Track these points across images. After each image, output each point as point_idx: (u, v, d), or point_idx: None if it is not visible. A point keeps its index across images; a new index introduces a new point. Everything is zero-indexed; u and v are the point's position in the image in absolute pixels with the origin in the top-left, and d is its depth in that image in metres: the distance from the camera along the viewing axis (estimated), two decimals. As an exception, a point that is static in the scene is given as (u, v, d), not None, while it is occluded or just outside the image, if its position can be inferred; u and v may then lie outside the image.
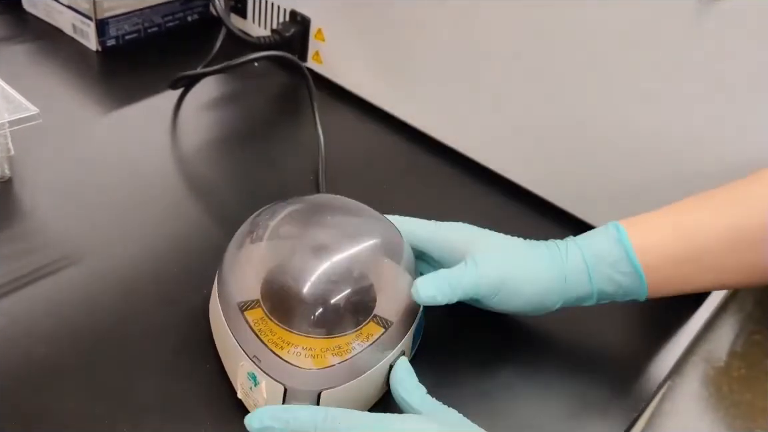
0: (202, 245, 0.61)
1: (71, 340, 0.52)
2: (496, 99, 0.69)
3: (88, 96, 0.77)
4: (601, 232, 0.52)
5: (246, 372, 0.47)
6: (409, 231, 0.54)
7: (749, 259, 0.50)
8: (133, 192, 0.65)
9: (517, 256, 0.52)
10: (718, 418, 1.71)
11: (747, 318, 1.98)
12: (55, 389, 0.48)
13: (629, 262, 0.50)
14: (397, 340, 0.49)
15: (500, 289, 0.50)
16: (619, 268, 0.50)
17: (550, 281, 0.51)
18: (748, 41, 0.53)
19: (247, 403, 0.48)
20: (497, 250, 0.52)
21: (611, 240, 0.50)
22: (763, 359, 1.88)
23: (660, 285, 0.51)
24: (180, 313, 0.54)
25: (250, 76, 0.83)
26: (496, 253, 0.52)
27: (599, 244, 0.51)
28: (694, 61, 0.56)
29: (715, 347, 1.92)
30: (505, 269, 0.51)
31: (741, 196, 0.51)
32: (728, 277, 0.52)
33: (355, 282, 0.49)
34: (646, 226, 0.51)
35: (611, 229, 0.51)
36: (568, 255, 0.51)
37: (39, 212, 0.62)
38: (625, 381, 0.56)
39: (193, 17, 0.90)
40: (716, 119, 0.57)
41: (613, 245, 0.50)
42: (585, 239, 0.52)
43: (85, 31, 0.82)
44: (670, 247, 0.50)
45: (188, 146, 0.73)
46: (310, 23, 0.82)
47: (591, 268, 0.50)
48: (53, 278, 0.56)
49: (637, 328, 0.61)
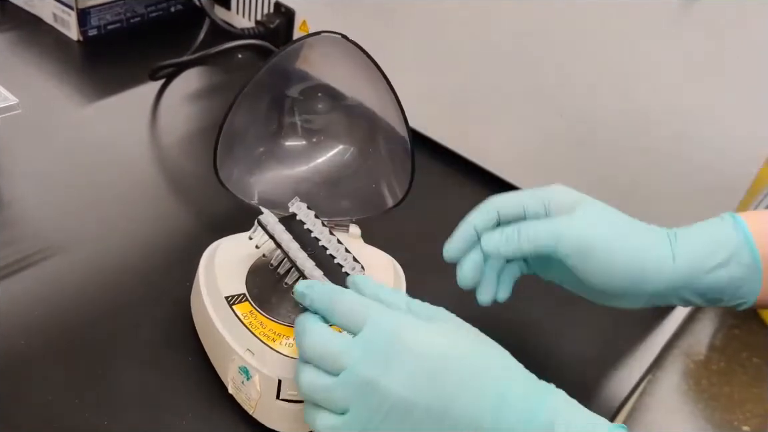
0: (184, 237, 0.61)
1: (51, 332, 0.51)
2: (493, 98, 0.69)
3: (69, 86, 0.76)
4: (713, 222, 0.48)
5: (237, 367, 0.47)
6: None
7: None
8: (114, 183, 0.65)
9: (617, 220, 0.47)
10: (698, 410, 1.74)
11: (726, 312, 2.00)
12: (34, 381, 0.48)
13: (748, 249, 0.46)
14: None
15: (587, 252, 0.46)
16: (737, 256, 0.46)
17: (656, 259, 0.46)
18: (729, 38, 0.54)
19: (239, 398, 0.48)
20: (594, 211, 0.47)
21: (728, 226, 0.47)
22: (741, 353, 1.91)
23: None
24: (162, 306, 0.54)
25: (233, 68, 0.83)
26: (591, 210, 0.47)
27: (713, 230, 0.47)
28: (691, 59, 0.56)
29: (696, 341, 1.95)
30: (598, 229, 0.46)
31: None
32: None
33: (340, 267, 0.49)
34: (761, 216, 0.47)
35: (726, 218, 0.47)
36: (677, 236, 0.47)
37: (18, 203, 0.61)
38: (606, 374, 0.56)
39: (177, 7, 0.89)
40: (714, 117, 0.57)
41: (730, 231, 0.46)
42: (698, 227, 0.48)
43: (66, 21, 0.81)
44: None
45: (170, 137, 0.73)
46: (295, 15, 0.81)
47: (706, 251, 0.46)
48: (33, 270, 0.55)
49: (619, 322, 0.62)
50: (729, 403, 1.69)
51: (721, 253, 0.46)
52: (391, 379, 0.39)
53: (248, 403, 0.47)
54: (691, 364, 1.77)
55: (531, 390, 0.40)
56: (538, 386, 0.41)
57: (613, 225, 0.47)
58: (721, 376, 1.74)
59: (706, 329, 1.86)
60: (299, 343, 0.41)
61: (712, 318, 1.89)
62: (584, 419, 0.40)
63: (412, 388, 0.39)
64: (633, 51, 0.59)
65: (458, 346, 0.41)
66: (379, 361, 0.39)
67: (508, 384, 0.40)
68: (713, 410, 1.67)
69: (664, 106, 0.59)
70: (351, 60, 0.54)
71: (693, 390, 1.71)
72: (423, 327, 0.41)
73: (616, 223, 0.47)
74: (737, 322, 1.89)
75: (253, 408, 0.47)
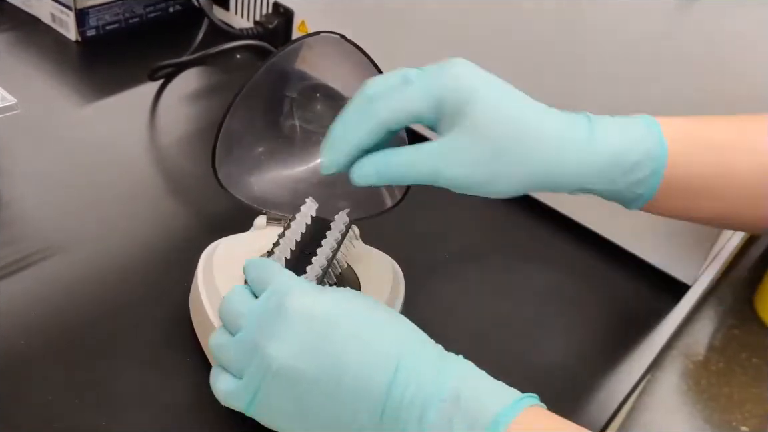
0: (183, 238, 0.61)
1: (51, 332, 0.51)
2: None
3: (68, 86, 0.76)
4: (630, 121, 0.47)
5: None
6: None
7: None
8: (113, 183, 0.65)
9: (517, 124, 0.43)
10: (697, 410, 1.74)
11: (726, 312, 2.00)
12: (34, 381, 0.48)
13: (654, 139, 0.45)
14: None
15: (473, 185, 0.43)
16: (649, 157, 0.45)
17: (575, 163, 0.44)
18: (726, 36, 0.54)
19: None
20: (484, 119, 0.42)
21: (642, 127, 0.46)
22: (740, 353, 1.91)
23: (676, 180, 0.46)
24: (161, 306, 0.54)
25: (232, 68, 0.83)
26: (481, 119, 0.42)
27: (631, 131, 0.46)
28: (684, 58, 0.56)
29: (694, 341, 1.95)
30: (483, 154, 0.42)
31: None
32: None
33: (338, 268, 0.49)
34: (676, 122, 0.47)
35: (640, 120, 0.47)
36: (595, 127, 0.45)
37: (17, 203, 0.61)
38: (605, 374, 0.56)
39: (175, 8, 0.89)
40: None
41: (644, 132, 0.46)
42: (615, 125, 0.46)
43: (65, 21, 0.81)
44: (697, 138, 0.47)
45: (169, 137, 0.73)
46: (294, 15, 0.81)
47: (623, 148, 0.45)
48: (32, 270, 0.55)
49: (618, 322, 0.62)
50: (728, 403, 1.69)
51: (637, 155, 0.45)
52: (275, 344, 0.39)
53: None
54: (690, 364, 1.77)
55: (431, 360, 0.39)
56: (441, 356, 0.40)
57: (508, 135, 0.42)
58: (720, 377, 1.74)
59: (705, 330, 1.86)
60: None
61: (711, 318, 1.89)
62: (492, 387, 0.39)
63: (297, 355, 0.39)
64: (630, 51, 0.59)
65: (346, 314, 0.40)
66: (268, 326, 0.39)
67: (401, 354, 0.39)
68: (712, 410, 1.67)
69: (663, 106, 0.59)
70: (350, 60, 0.54)
71: (692, 390, 1.71)
72: (313, 293, 0.41)
73: (514, 131, 0.43)
74: (736, 322, 1.89)
75: (252, 409, 0.47)
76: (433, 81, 0.43)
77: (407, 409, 0.38)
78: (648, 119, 0.47)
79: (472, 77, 0.43)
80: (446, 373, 0.39)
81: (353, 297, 0.42)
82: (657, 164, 0.46)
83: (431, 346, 0.41)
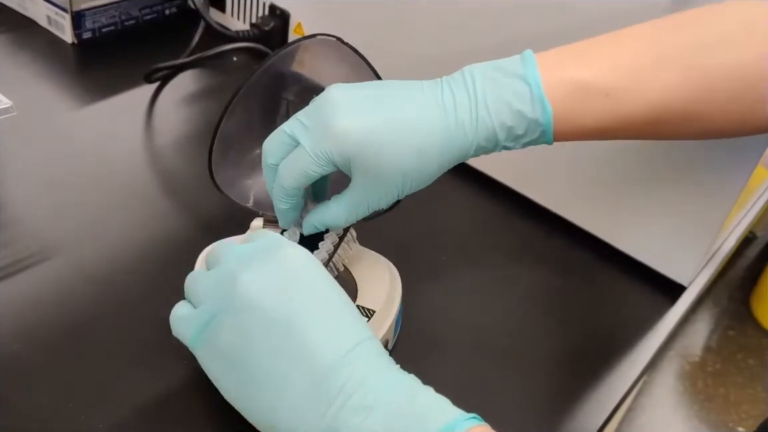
0: (180, 240, 0.60)
1: (46, 336, 0.51)
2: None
3: (64, 89, 0.76)
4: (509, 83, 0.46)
5: None
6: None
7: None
8: (108, 186, 0.65)
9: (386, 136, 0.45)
10: (693, 411, 1.74)
11: (722, 313, 2.01)
12: (29, 384, 0.48)
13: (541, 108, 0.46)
14: (380, 329, 0.49)
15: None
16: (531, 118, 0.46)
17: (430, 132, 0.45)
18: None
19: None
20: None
21: (522, 86, 0.46)
22: (736, 354, 1.91)
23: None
24: (158, 308, 0.54)
25: (229, 70, 0.83)
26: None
27: (509, 98, 0.46)
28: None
29: (691, 342, 1.95)
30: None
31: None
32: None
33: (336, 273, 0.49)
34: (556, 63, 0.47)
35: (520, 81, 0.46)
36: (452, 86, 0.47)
37: (13, 206, 0.61)
38: (602, 375, 0.56)
39: (171, 10, 0.89)
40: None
41: (524, 89, 0.46)
42: (493, 85, 0.47)
43: (61, 23, 0.81)
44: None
45: (166, 140, 0.73)
46: (290, 17, 0.81)
47: (480, 94, 0.46)
48: (27, 273, 0.55)
49: (614, 323, 0.62)
50: (724, 404, 1.69)
51: (521, 129, 0.46)
52: (249, 274, 0.40)
53: None
54: (686, 365, 1.77)
55: (382, 366, 0.39)
56: (393, 368, 0.40)
57: (396, 173, 0.46)
58: (716, 378, 1.74)
59: (701, 331, 1.87)
60: None
61: (707, 319, 1.89)
62: (439, 402, 0.39)
63: (266, 292, 0.40)
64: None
65: (326, 283, 0.41)
66: (249, 260, 0.41)
67: (361, 341, 0.39)
68: (708, 411, 1.68)
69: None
70: (346, 62, 0.54)
71: (688, 391, 1.71)
72: (305, 251, 0.42)
73: (398, 169, 0.45)
74: (732, 323, 1.89)
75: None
76: (319, 144, 0.45)
77: (347, 397, 0.37)
78: (529, 74, 0.46)
79: (350, 131, 0.45)
80: (397, 381, 0.39)
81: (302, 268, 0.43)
82: (544, 126, 0.46)
83: (385, 355, 0.41)
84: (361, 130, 0.45)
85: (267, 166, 0.48)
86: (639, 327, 0.61)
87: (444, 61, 0.70)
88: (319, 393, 0.38)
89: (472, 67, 0.47)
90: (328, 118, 0.45)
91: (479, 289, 0.62)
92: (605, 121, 0.47)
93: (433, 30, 0.69)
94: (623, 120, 0.47)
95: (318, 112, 0.46)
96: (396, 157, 0.45)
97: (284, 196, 0.48)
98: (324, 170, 0.46)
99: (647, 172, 0.62)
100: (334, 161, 0.45)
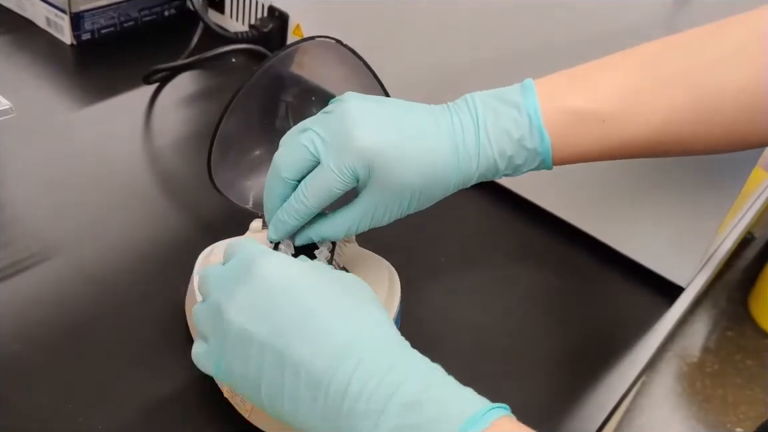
0: (179, 241, 0.61)
1: (46, 336, 0.51)
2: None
3: (63, 90, 0.76)
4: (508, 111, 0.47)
5: None
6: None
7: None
8: (108, 187, 0.65)
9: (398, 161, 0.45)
10: (691, 412, 1.74)
11: (720, 314, 2.01)
12: (28, 384, 0.48)
13: (539, 136, 0.47)
14: None
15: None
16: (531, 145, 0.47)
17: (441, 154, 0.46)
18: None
19: (235, 402, 0.48)
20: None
21: (522, 118, 0.47)
22: (735, 355, 1.91)
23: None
24: (157, 309, 0.54)
25: (227, 72, 0.83)
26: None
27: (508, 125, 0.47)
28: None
29: (689, 343, 1.95)
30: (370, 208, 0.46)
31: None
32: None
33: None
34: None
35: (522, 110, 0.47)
36: (459, 112, 0.47)
37: (12, 207, 0.61)
38: (601, 375, 0.56)
39: (170, 12, 0.89)
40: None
41: (522, 120, 0.47)
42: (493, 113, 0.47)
43: (60, 25, 0.81)
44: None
45: (165, 141, 0.73)
46: (289, 19, 0.81)
47: (481, 121, 0.46)
48: (27, 273, 0.55)
49: (612, 324, 0.62)
50: (723, 405, 1.69)
51: (520, 158, 0.47)
52: (233, 306, 0.39)
53: (243, 407, 0.47)
54: (684, 366, 1.77)
55: (391, 359, 0.37)
56: (407, 358, 0.38)
57: (411, 188, 0.46)
58: (714, 379, 1.75)
59: (699, 331, 1.87)
60: None
61: (705, 320, 1.90)
62: (459, 394, 0.37)
63: (250, 317, 0.39)
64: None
65: (308, 288, 0.39)
66: (229, 288, 0.40)
67: (355, 343, 0.37)
68: (707, 412, 1.68)
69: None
70: (345, 64, 0.54)
71: (687, 392, 1.72)
72: (280, 262, 0.40)
73: (413, 184, 0.46)
74: (731, 324, 1.89)
75: (248, 412, 0.47)
76: (343, 159, 0.45)
77: (358, 401, 0.36)
78: (529, 104, 0.47)
79: (374, 144, 0.45)
80: (408, 376, 0.37)
81: (327, 274, 0.41)
82: (543, 156, 0.47)
83: (397, 345, 0.39)
84: (384, 144, 0.44)
85: (280, 179, 0.47)
86: (638, 328, 0.62)
87: (443, 63, 0.70)
88: (325, 404, 0.37)
89: (473, 95, 0.48)
90: (350, 130, 0.44)
91: (479, 289, 0.62)
92: (604, 146, 0.48)
93: (432, 32, 0.70)
94: (623, 144, 0.48)
95: (338, 125, 0.45)
96: (412, 173, 0.45)
97: (299, 215, 0.47)
98: (347, 186, 0.45)
99: (646, 175, 0.62)
100: (358, 175, 0.45)
